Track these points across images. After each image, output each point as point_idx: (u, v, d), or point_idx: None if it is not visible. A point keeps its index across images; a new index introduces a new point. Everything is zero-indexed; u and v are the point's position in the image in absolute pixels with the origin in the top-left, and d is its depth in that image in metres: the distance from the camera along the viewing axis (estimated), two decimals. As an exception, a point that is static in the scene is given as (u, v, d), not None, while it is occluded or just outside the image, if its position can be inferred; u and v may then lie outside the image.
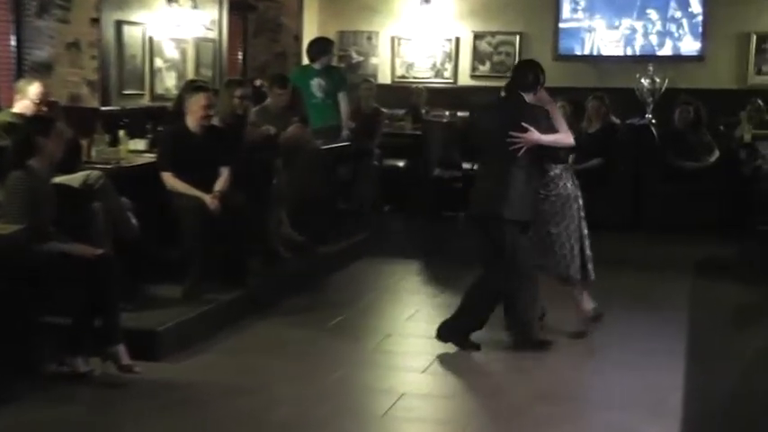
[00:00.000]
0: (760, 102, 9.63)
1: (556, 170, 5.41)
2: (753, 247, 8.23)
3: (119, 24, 7.81)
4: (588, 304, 5.55)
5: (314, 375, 4.85)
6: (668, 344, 5.47)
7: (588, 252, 5.49)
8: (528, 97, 5.25)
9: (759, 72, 10.51)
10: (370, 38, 11.45)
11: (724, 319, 6.10)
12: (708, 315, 6.16)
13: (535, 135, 5.13)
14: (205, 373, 4.87)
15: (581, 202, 5.48)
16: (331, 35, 10.38)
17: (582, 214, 5.49)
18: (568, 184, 5.46)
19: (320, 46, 8.83)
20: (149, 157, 6.22)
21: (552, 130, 5.21)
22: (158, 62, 8.35)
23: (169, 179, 5.77)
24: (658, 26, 10.79)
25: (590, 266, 5.48)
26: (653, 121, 9.62)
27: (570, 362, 5.23)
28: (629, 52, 10.84)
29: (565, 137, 5.25)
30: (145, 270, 5.50)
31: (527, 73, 5.28)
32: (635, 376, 5.01)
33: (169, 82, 8.48)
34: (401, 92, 10.78)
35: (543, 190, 5.36)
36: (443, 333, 5.31)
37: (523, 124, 5.12)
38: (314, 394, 4.59)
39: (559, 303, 5.61)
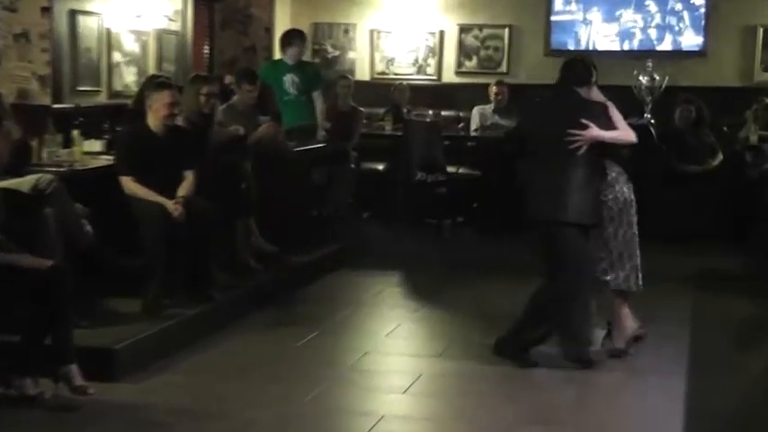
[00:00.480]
0: (767, 100, 9.69)
1: (612, 173, 5.42)
2: (758, 256, 8.27)
3: (72, 14, 7.79)
4: (630, 322, 5.51)
5: (286, 397, 4.82)
6: (668, 362, 5.49)
7: (637, 261, 5.48)
8: (582, 92, 5.29)
9: (766, 68, 10.56)
10: (347, 31, 11.45)
11: (727, 335, 6.13)
12: (710, 330, 6.17)
13: (595, 131, 5.17)
14: (167, 394, 4.83)
15: (635, 207, 5.49)
16: (305, 27, 10.37)
17: (636, 219, 5.49)
18: (625, 188, 5.46)
19: (286, 37, 8.84)
20: (106, 160, 6.20)
21: (611, 126, 5.24)
22: (116, 56, 8.33)
23: (128, 183, 5.74)
24: (657, 19, 10.84)
25: (639, 275, 5.47)
26: (652, 121, 9.67)
27: (563, 381, 5.22)
28: (627, 47, 10.90)
29: (627, 133, 5.30)
30: (101, 282, 5.46)
31: (579, 67, 5.34)
32: (632, 397, 5.02)
33: (128, 78, 8.46)
34: (381, 89, 10.80)
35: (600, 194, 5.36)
36: (501, 348, 5.35)
37: (583, 121, 5.15)
38: (286, 418, 4.56)
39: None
